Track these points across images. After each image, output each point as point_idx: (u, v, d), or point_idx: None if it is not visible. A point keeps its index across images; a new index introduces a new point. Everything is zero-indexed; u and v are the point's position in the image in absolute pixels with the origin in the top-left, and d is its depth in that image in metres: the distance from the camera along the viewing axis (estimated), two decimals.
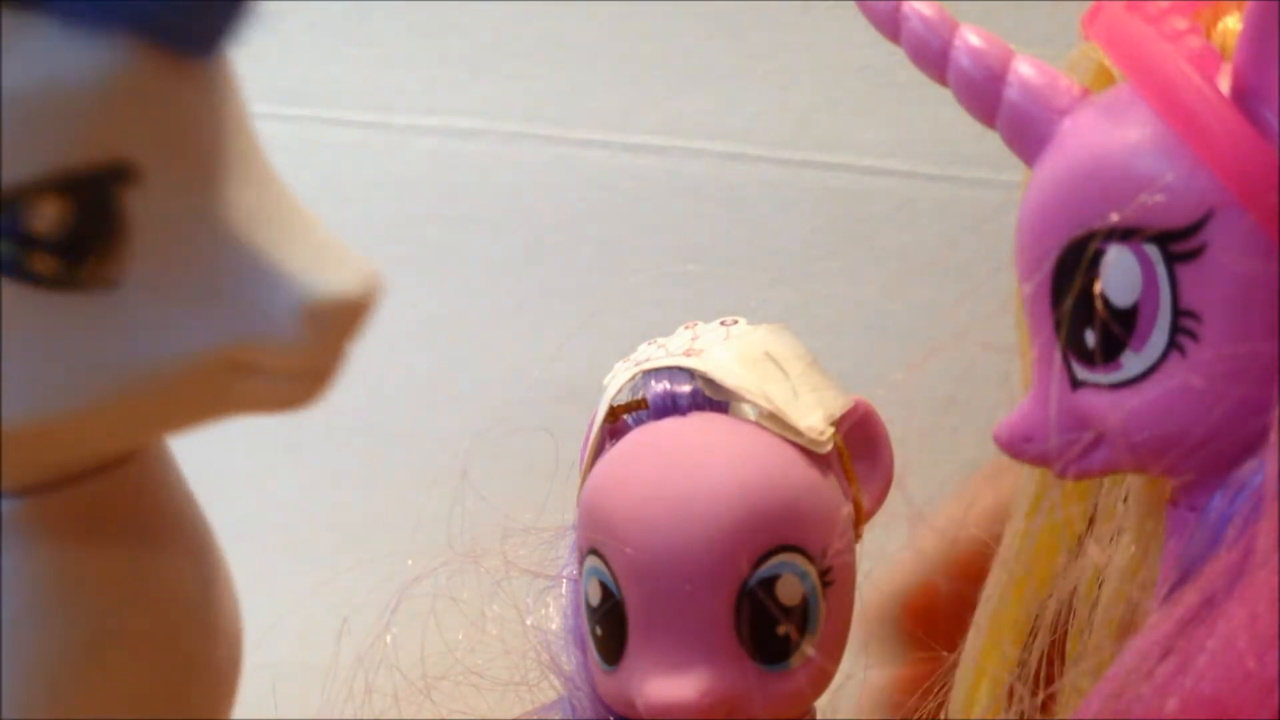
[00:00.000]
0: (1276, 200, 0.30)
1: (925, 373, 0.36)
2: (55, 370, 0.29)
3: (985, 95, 0.34)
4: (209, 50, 0.29)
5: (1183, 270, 0.31)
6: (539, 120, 0.66)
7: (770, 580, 0.40)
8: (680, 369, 0.43)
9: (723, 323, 0.45)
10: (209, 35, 0.29)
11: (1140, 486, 0.37)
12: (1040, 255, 0.33)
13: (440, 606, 0.46)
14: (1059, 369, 0.34)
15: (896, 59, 0.36)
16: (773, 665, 0.40)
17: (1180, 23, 0.32)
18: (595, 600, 0.41)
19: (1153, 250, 0.31)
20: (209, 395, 0.30)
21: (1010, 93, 0.34)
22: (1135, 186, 0.31)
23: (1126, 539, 0.37)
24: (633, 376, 0.43)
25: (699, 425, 0.42)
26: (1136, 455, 0.33)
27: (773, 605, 0.40)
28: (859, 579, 0.43)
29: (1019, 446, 0.35)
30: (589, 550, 0.41)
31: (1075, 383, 0.33)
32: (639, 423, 0.43)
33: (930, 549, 0.45)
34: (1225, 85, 0.31)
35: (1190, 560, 0.32)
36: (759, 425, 0.42)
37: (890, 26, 0.35)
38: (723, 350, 0.43)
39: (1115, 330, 0.32)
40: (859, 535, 0.43)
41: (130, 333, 0.29)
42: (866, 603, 0.45)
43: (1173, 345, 0.31)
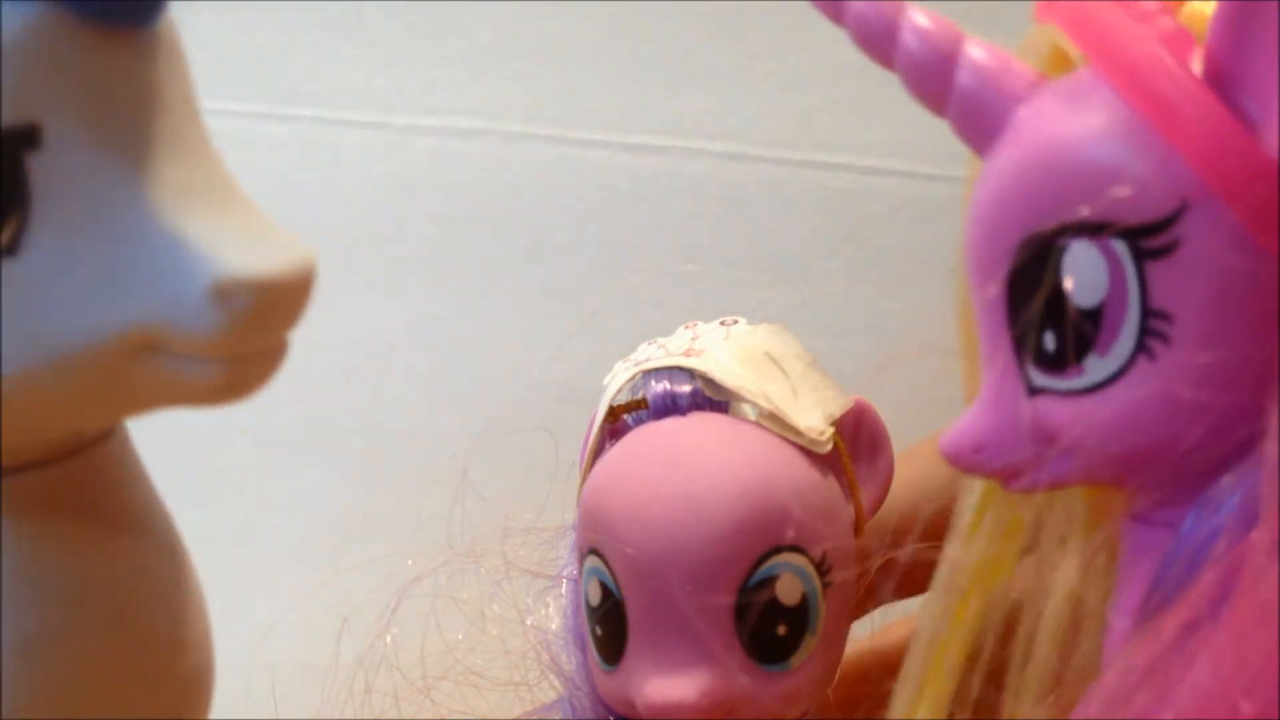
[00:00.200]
0: (1256, 193, 0.28)
1: (925, 373, 0.36)
2: None
3: (934, 79, 0.32)
4: (129, 20, 0.29)
5: (1152, 268, 0.29)
6: (539, 120, 0.66)
7: (770, 580, 0.40)
8: (680, 369, 0.43)
9: (723, 323, 0.45)
10: (127, 5, 0.28)
11: (1084, 497, 0.35)
12: (994, 252, 0.31)
13: (440, 606, 0.46)
14: (1013, 374, 0.31)
15: None
16: (773, 665, 0.40)
17: (1149, 3, 0.30)
18: (595, 600, 0.41)
19: (1120, 246, 0.29)
20: (121, 377, 0.29)
21: (961, 77, 0.32)
22: (1100, 178, 0.29)
23: (1072, 552, 0.35)
24: (632, 376, 0.43)
25: (699, 425, 0.42)
26: (1098, 468, 0.31)
27: (773, 605, 0.40)
28: None
29: (968, 458, 0.32)
30: (589, 550, 0.41)
31: (1031, 389, 0.31)
32: (639, 422, 0.43)
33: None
34: (1197, 70, 0.29)
35: (1168, 582, 0.30)
36: (759, 425, 0.42)
37: (833, 7, 0.33)
38: (722, 350, 0.43)
39: (1078, 333, 0.30)
40: (859, 535, 0.43)
41: (33, 303, 0.28)
42: None
43: (1140, 348, 0.29)
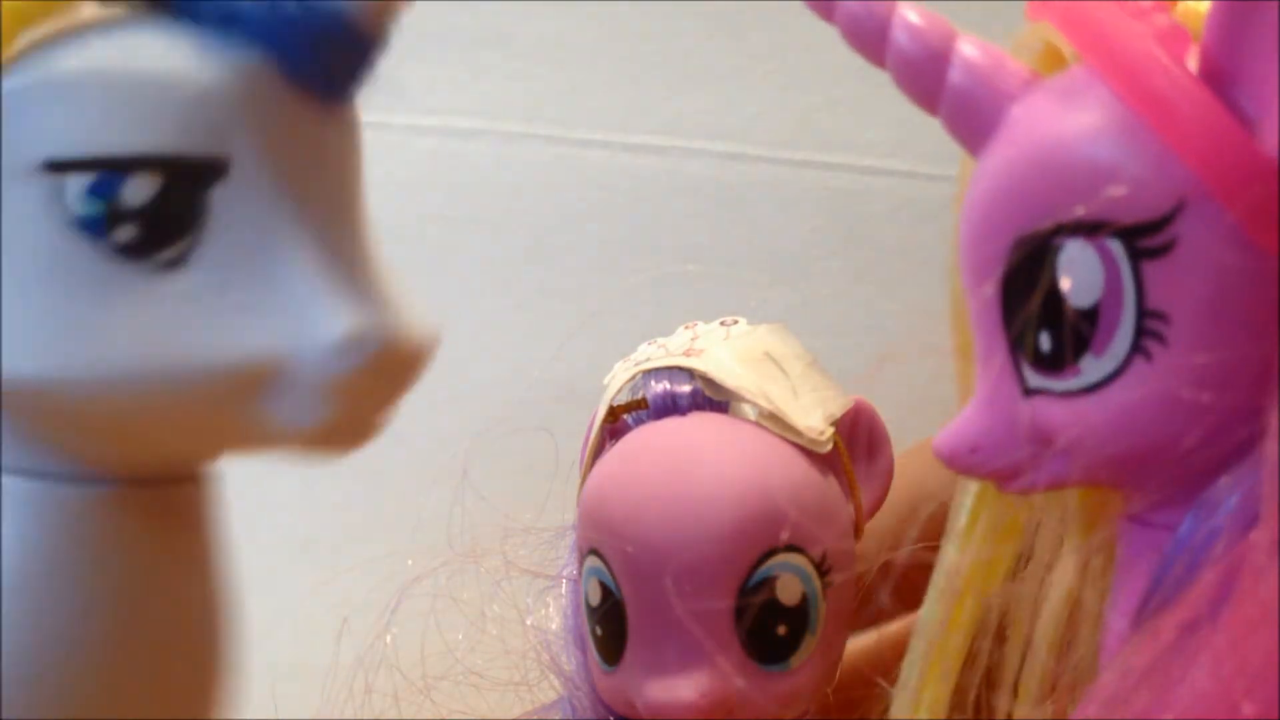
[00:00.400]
0: (1254, 192, 0.28)
1: (925, 372, 0.36)
2: (102, 335, 0.30)
3: (926, 77, 0.32)
4: (328, 93, 0.32)
5: (1149, 267, 0.29)
6: (539, 120, 0.66)
7: (770, 580, 0.40)
8: (680, 369, 0.43)
9: (723, 323, 0.45)
10: (331, 75, 0.32)
11: (1081, 498, 0.35)
12: (989, 252, 0.31)
13: (440, 606, 0.45)
14: (1009, 374, 0.31)
15: None
16: (772, 666, 0.40)
17: (1144, 1, 0.30)
18: (595, 600, 0.41)
19: (1116, 246, 0.29)
20: (237, 408, 0.31)
21: (954, 75, 0.31)
22: (1095, 177, 0.29)
23: (1069, 553, 0.35)
24: (632, 376, 0.43)
25: (699, 425, 0.42)
26: (1095, 469, 0.30)
27: (772, 605, 0.40)
28: None
29: (964, 458, 0.32)
30: (589, 550, 0.41)
31: (1026, 390, 0.31)
32: (639, 422, 0.43)
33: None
34: (1193, 67, 0.29)
35: (1167, 583, 0.29)
36: (759, 425, 0.41)
37: (824, 6, 0.32)
38: (722, 350, 0.43)
39: (1074, 333, 0.30)
40: (859, 536, 0.43)
41: (182, 320, 0.31)
42: None
43: (1137, 349, 0.29)
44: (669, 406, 0.42)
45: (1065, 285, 0.30)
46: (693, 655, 0.39)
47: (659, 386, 0.43)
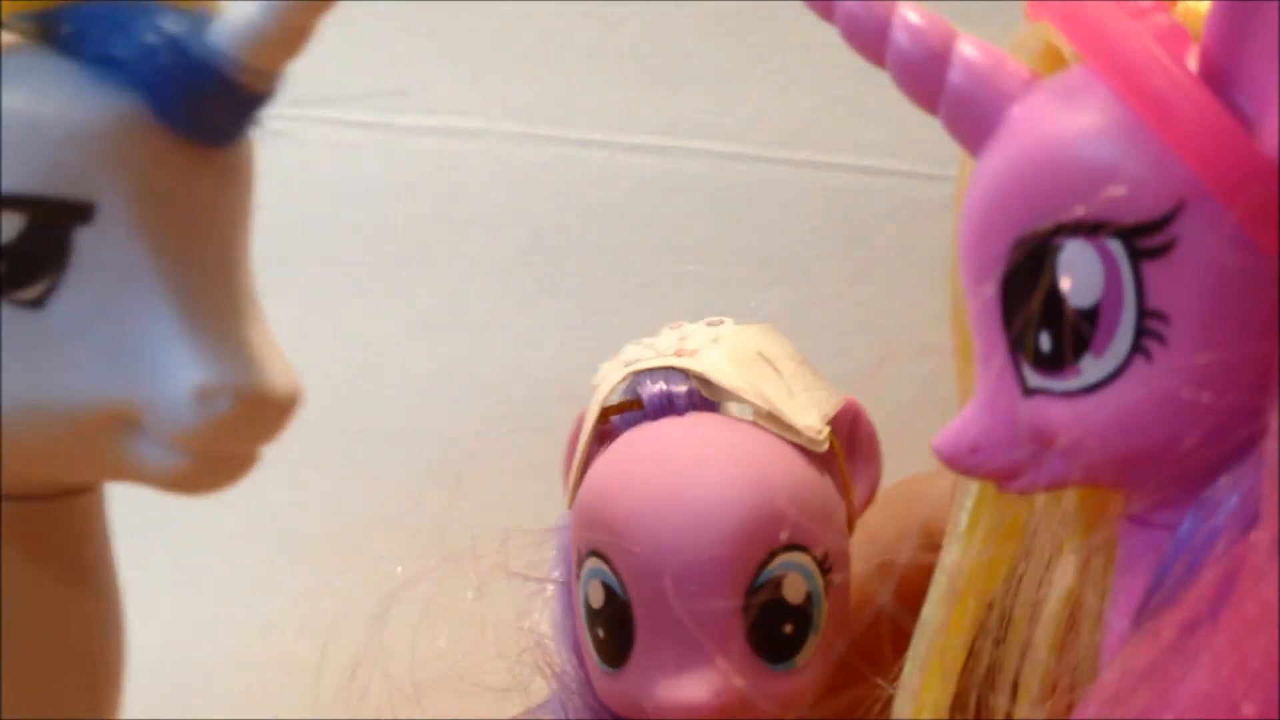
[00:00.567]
0: (1254, 192, 0.28)
1: (925, 372, 0.36)
2: None
3: (926, 77, 0.31)
4: (204, 138, 0.32)
5: (1149, 268, 0.29)
6: (539, 120, 0.66)
7: (777, 579, 0.40)
8: (674, 369, 0.42)
9: (709, 323, 0.44)
10: (208, 123, 0.31)
11: (1082, 498, 0.35)
12: (989, 252, 0.31)
13: (433, 608, 0.45)
14: (1009, 374, 0.31)
15: None
16: (780, 664, 0.40)
17: (1144, 1, 0.30)
18: (598, 602, 0.41)
19: (1116, 246, 0.29)
20: (97, 442, 0.31)
21: (953, 75, 0.31)
22: (1095, 177, 0.29)
23: (1070, 553, 0.35)
24: (625, 377, 0.43)
25: (699, 426, 0.42)
26: (1096, 469, 0.30)
27: (779, 604, 0.40)
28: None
29: (964, 458, 0.32)
30: (589, 552, 0.41)
31: (1027, 389, 0.31)
32: (627, 424, 0.43)
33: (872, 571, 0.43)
34: (1193, 67, 0.29)
35: (1167, 583, 0.29)
36: (756, 425, 0.41)
37: (824, 6, 0.32)
38: (715, 350, 0.42)
39: (1074, 333, 0.29)
40: (850, 533, 0.43)
41: (41, 355, 0.30)
42: None
43: (1137, 349, 0.29)
44: (665, 407, 0.42)
45: (1065, 285, 0.30)
46: (701, 655, 0.39)
47: (655, 387, 0.42)
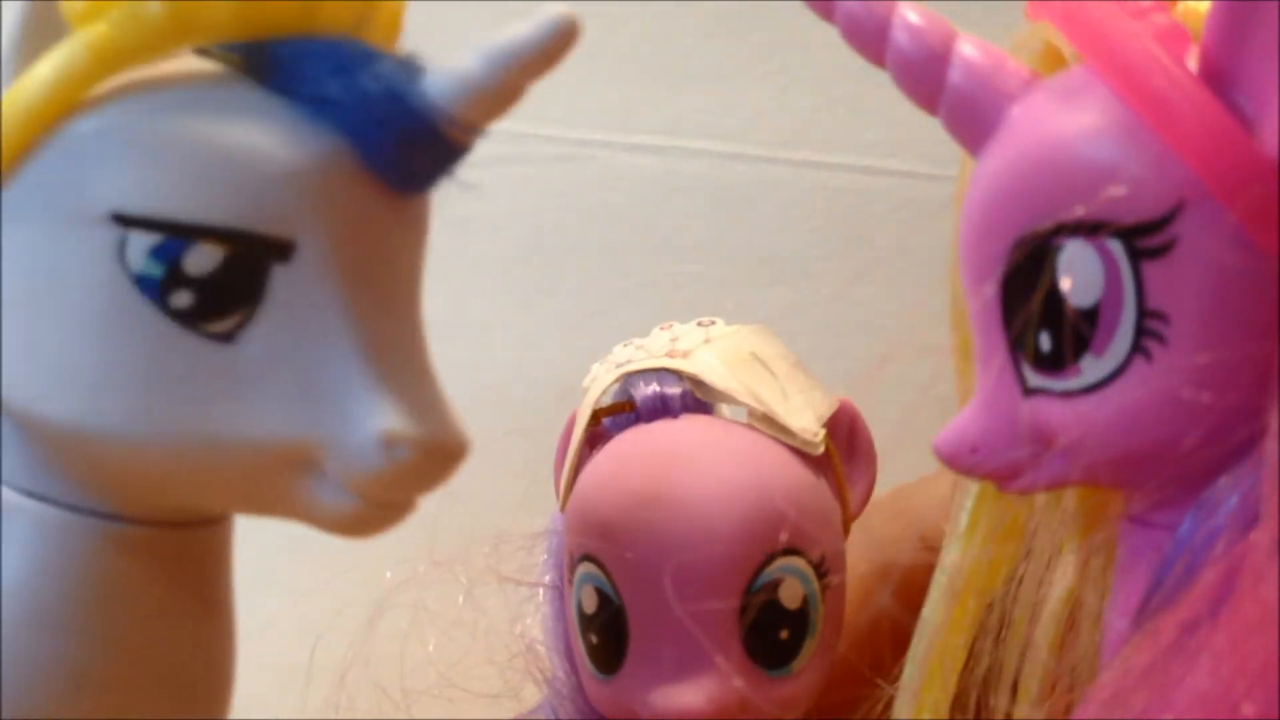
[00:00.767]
0: (1254, 192, 0.28)
1: (925, 373, 0.36)
2: (144, 394, 0.30)
3: (926, 77, 0.31)
4: (404, 185, 0.32)
5: (1149, 268, 0.29)
6: (539, 120, 0.66)
7: (773, 584, 0.39)
8: (667, 371, 0.42)
9: (700, 323, 0.44)
10: (412, 172, 0.32)
11: (1081, 498, 0.35)
12: (989, 252, 0.31)
13: (423, 613, 0.45)
14: (1009, 374, 0.31)
15: None
16: (776, 670, 0.40)
17: (1144, 0, 0.30)
18: (591, 608, 0.40)
19: (1116, 246, 0.29)
20: (272, 478, 0.32)
21: (953, 75, 0.31)
22: (1095, 177, 0.29)
23: (1069, 553, 0.35)
24: (616, 379, 0.43)
25: (693, 428, 0.41)
26: (1096, 469, 0.30)
27: (775, 609, 0.39)
28: None
29: (964, 458, 0.32)
30: (582, 557, 0.41)
31: (1026, 389, 0.31)
32: (619, 427, 0.42)
33: (869, 568, 0.43)
34: (1193, 67, 0.29)
35: (1167, 584, 0.29)
36: (751, 427, 0.41)
37: (824, 5, 0.32)
38: (708, 352, 0.42)
39: (1074, 333, 0.29)
40: (846, 535, 0.43)
41: (225, 391, 0.31)
42: None
43: (1137, 349, 0.29)
44: (659, 409, 0.42)
45: (1065, 285, 0.30)
46: (697, 661, 0.39)
47: (648, 389, 0.42)
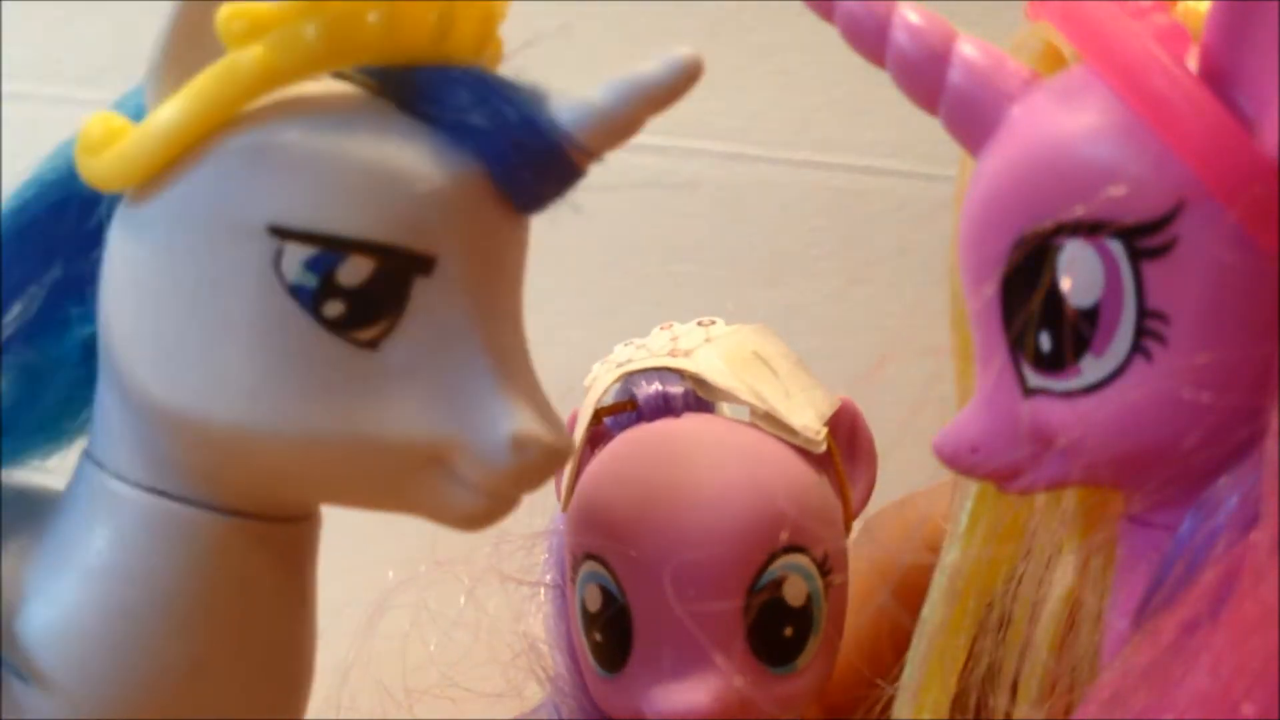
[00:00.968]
0: (1254, 192, 0.28)
1: (925, 373, 0.36)
2: (296, 396, 0.32)
3: (926, 77, 0.32)
4: (530, 204, 0.35)
5: (1149, 268, 0.29)
6: None
7: (777, 581, 0.39)
8: (669, 370, 0.42)
9: (700, 323, 0.44)
10: (537, 194, 0.34)
11: (1081, 499, 0.35)
12: (989, 252, 0.31)
13: (422, 615, 0.45)
14: (1009, 374, 0.31)
15: None
16: (780, 668, 0.40)
17: (1144, 0, 0.30)
18: (595, 606, 0.41)
19: (1116, 246, 0.29)
20: (404, 476, 0.33)
21: (953, 75, 0.31)
22: (1095, 177, 0.29)
23: (1069, 554, 0.35)
24: (618, 378, 0.43)
25: (697, 426, 0.41)
26: (1096, 469, 0.30)
27: (779, 607, 0.39)
28: None
29: (964, 458, 0.32)
30: (585, 555, 0.41)
31: (1026, 389, 0.31)
32: (620, 426, 0.42)
33: (874, 571, 0.43)
34: (1193, 67, 0.29)
35: (1167, 584, 0.29)
36: (754, 426, 0.41)
37: (824, 5, 0.33)
38: (710, 351, 0.42)
39: (1074, 333, 0.29)
40: (847, 534, 0.43)
41: (370, 395, 0.33)
42: None
43: (1137, 349, 0.29)
44: (661, 408, 0.42)
45: (1065, 285, 0.30)
46: (701, 660, 0.39)
47: (650, 388, 0.42)
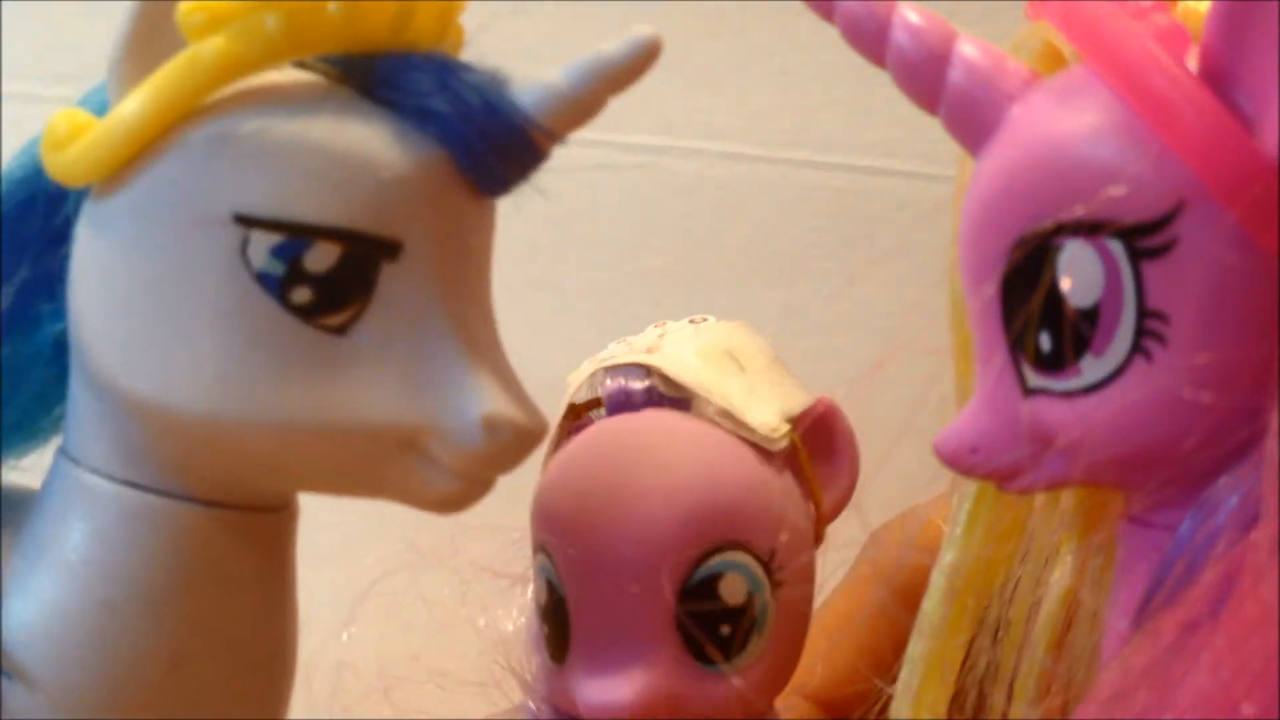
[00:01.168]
0: (1254, 192, 0.28)
1: (925, 373, 0.36)
2: (267, 384, 0.32)
3: (926, 77, 0.32)
4: (495, 187, 0.35)
5: (1149, 268, 0.29)
6: None
7: (713, 578, 0.39)
8: (637, 365, 0.42)
9: (692, 321, 0.44)
10: (502, 177, 0.35)
11: (1081, 499, 0.35)
12: (989, 252, 0.31)
13: (402, 607, 0.45)
14: (1009, 374, 0.31)
15: None
16: (715, 666, 0.39)
17: (1144, 0, 0.30)
18: (543, 599, 0.41)
19: (1116, 246, 0.29)
20: (378, 461, 0.34)
21: (954, 75, 0.31)
22: (1095, 177, 0.29)
23: (1069, 554, 0.35)
24: (592, 374, 0.43)
25: (649, 423, 0.41)
26: (1096, 469, 0.30)
27: (715, 604, 0.39)
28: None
29: (964, 458, 0.32)
30: (537, 548, 0.41)
31: (1027, 389, 0.31)
32: (599, 421, 0.42)
33: (875, 573, 0.43)
34: (1193, 67, 0.29)
35: (1167, 584, 0.29)
36: (712, 422, 0.41)
37: (824, 5, 0.33)
38: (685, 347, 0.42)
39: (1074, 333, 0.30)
40: (820, 537, 0.42)
41: (340, 381, 0.33)
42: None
43: (1137, 349, 0.29)
44: (622, 403, 0.42)
45: (1065, 285, 0.30)
46: (631, 654, 0.39)
47: (613, 384, 0.42)
